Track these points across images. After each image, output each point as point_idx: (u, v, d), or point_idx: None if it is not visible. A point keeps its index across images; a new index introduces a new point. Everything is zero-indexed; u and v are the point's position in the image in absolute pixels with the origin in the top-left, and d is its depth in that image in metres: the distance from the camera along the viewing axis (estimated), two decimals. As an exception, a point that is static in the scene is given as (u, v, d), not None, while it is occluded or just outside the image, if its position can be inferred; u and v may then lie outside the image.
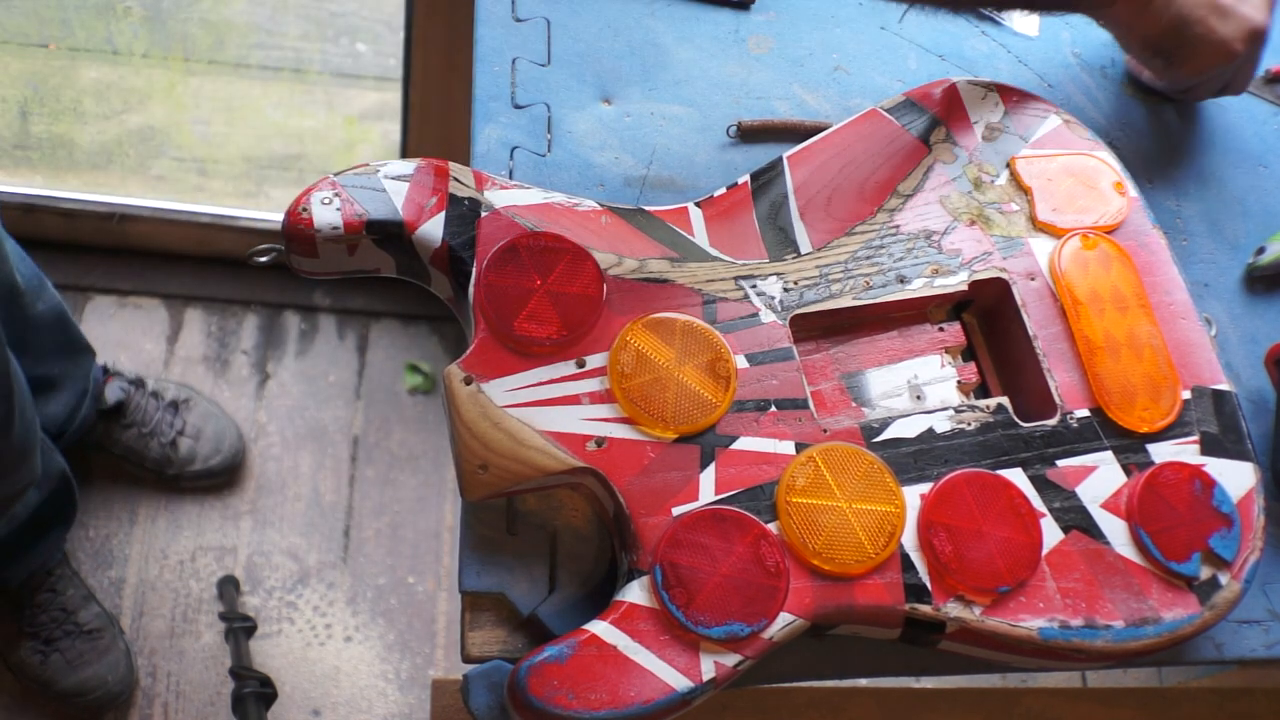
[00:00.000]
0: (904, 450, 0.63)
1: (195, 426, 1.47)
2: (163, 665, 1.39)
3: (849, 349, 0.69)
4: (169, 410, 1.46)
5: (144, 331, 1.58)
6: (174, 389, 1.49)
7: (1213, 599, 0.61)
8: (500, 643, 0.61)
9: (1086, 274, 0.68)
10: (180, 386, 1.50)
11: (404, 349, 1.63)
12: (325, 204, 0.63)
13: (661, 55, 0.81)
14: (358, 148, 1.82)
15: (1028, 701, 0.78)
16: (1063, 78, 0.85)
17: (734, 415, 0.62)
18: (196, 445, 1.46)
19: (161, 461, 1.45)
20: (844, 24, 0.85)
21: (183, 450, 1.45)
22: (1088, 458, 0.64)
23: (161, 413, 1.45)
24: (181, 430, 1.46)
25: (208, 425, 1.48)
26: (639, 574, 0.58)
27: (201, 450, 1.46)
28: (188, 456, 1.45)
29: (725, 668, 0.56)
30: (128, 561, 1.44)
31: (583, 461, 0.60)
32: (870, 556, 0.59)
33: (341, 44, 1.90)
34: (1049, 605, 0.60)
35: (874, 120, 0.73)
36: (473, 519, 0.63)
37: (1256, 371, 0.74)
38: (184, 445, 1.45)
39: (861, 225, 0.69)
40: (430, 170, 0.65)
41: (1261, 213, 0.81)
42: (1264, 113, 0.85)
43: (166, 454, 1.45)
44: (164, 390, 1.48)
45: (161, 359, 1.56)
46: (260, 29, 1.87)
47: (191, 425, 1.47)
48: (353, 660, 1.42)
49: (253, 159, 1.76)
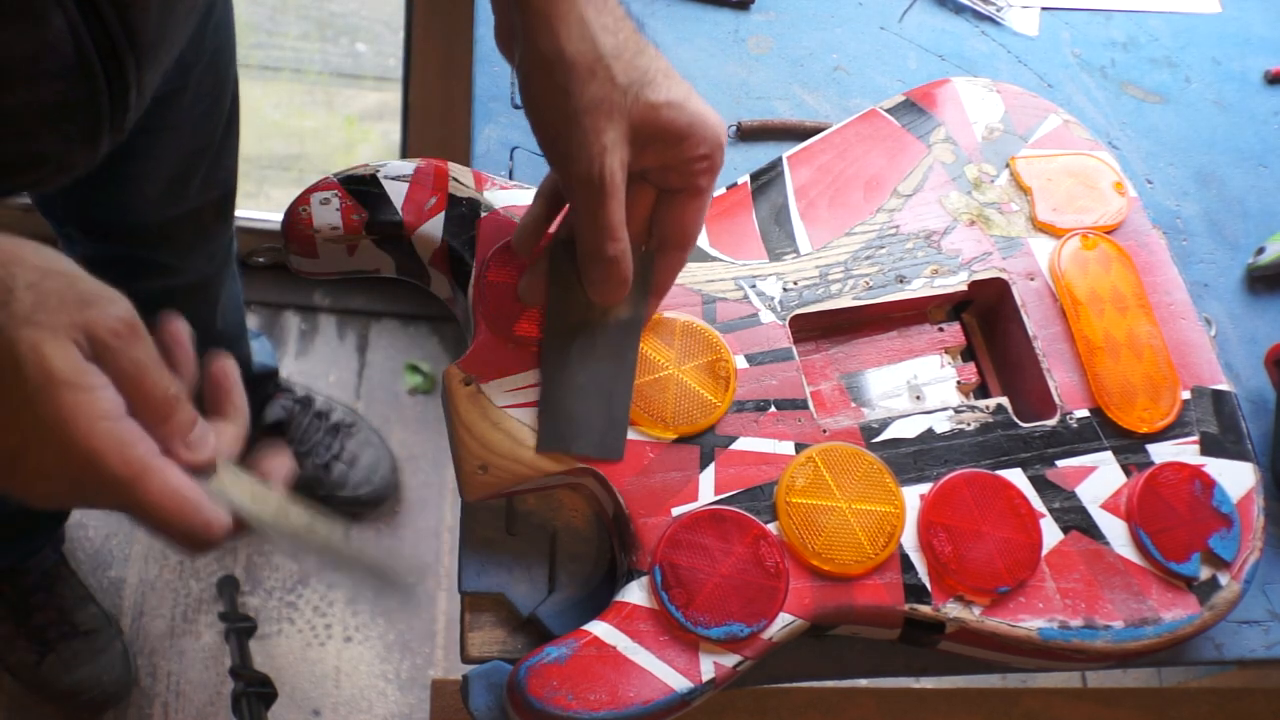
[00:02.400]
0: (904, 450, 0.63)
1: (352, 453, 1.46)
2: (162, 665, 1.39)
3: (849, 349, 0.69)
4: (330, 433, 1.46)
5: (144, 331, 1.58)
6: (340, 411, 1.48)
7: (1212, 599, 0.61)
8: (500, 643, 0.61)
9: (1086, 274, 0.68)
10: (346, 409, 1.50)
11: (404, 349, 1.63)
12: (325, 204, 0.63)
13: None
14: (358, 148, 1.82)
15: (1028, 701, 0.78)
16: (1063, 78, 0.85)
17: (733, 415, 0.62)
18: (350, 472, 1.45)
19: (311, 481, 1.45)
20: (844, 24, 0.85)
21: (334, 474, 1.45)
22: (1087, 458, 0.64)
23: (322, 434, 1.45)
24: (338, 454, 1.45)
25: (364, 453, 1.47)
26: (638, 574, 0.58)
27: (353, 478, 1.46)
28: (339, 481, 1.45)
29: (725, 668, 0.56)
30: (128, 561, 1.44)
31: (582, 462, 0.60)
32: (870, 557, 0.59)
33: (341, 44, 1.90)
34: (1049, 605, 0.60)
35: (874, 120, 0.73)
36: (473, 519, 0.63)
37: (1256, 371, 0.74)
38: (336, 470, 1.45)
39: (861, 225, 0.69)
40: (430, 170, 0.65)
41: (1261, 213, 0.81)
42: (1264, 112, 0.85)
43: (318, 474, 1.45)
44: (330, 411, 1.47)
45: (161, 359, 1.56)
46: (260, 29, 1.87)
47: (349, 451, 1.46)
48: (353, 660, 1.42)
49: (253, 159, 1.76)
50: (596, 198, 0.51)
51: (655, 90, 0.52)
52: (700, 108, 0.53)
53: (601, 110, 0.51)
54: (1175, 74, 0.86)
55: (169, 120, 0.91)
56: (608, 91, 0.51)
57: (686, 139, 0.53)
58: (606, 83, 0.51)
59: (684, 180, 0.55)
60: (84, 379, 0.41)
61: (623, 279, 0.54)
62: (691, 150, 0.53)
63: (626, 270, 0.54)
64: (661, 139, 0.53)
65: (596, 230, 0.52)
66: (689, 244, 0.58)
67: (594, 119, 0.51)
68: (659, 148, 0.53)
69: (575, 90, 0.50)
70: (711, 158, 0.54)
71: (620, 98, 0.51)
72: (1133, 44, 0.87)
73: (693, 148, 0.53)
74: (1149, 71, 0.86)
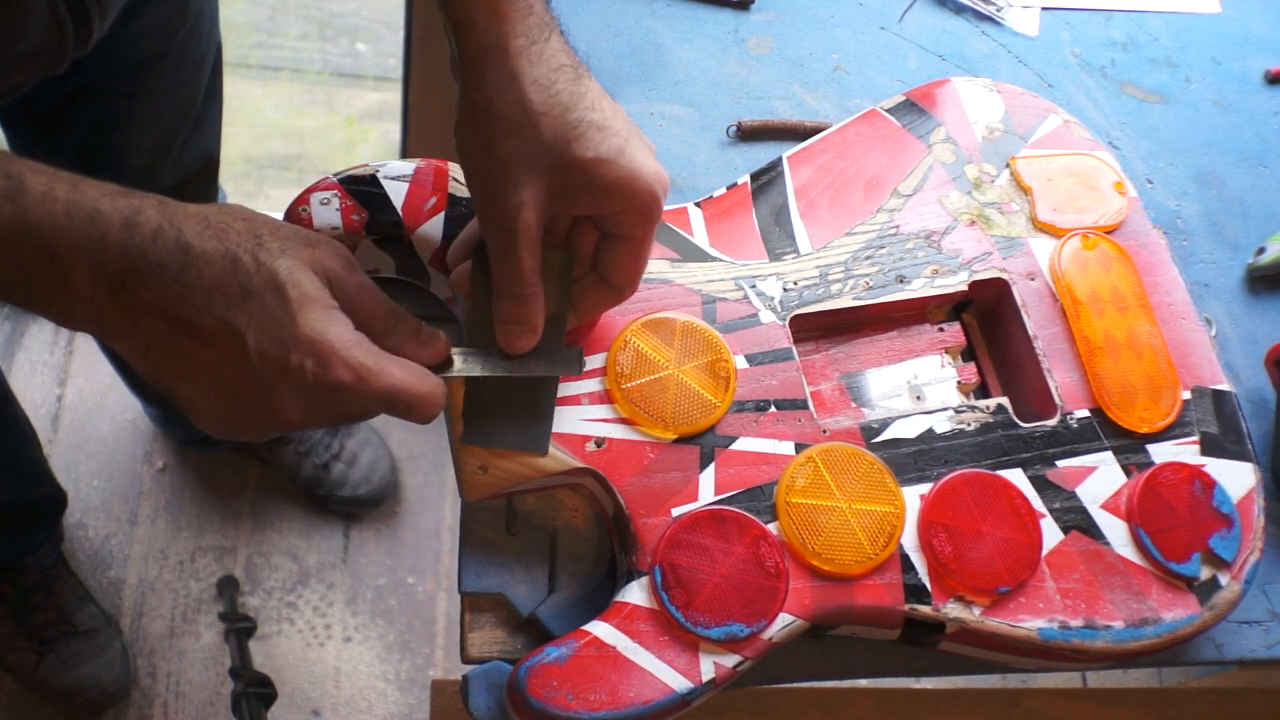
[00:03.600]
0: (904, 450, 0.63)
1: (352, 452, 1.48)
2: (162, 665, 1.39)
3: (849, 349, 0.69)
4: (330, 432, 1.47)
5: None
6: None
7: (1212, 599, 0.61)
8: (500, 643, 0.61)
9: (1086, 274, 0.68)
10: None
11: (404, 349, 1.63)
12: (325, 204, 0.63)
13: (661, 55, 0.81)
14: (358, 148, 1.82)
15: (1028, 701, 0.78)
16: (1063, 78, 0.85)
17: (734, 416, 0.62)
18: (349, 471, 1.47)
19: (311, 481, 1.47)
20: (844, 24, 0.85)
21: (334, 474, 1.46)
22: (1088, 458, 0.64)
23: (322, 434, 1.46)
24: (337, 454, 1.47)
25: (364, 453, 1.48)
26: (638, 575, 0.58)
27: (352, 477, 1.47)
28: (338, 480, 1.46)
29: (725, 668, 0.56)
30: (128, 561, 1.44)
31: (582, 462, 0.60)
32: (870, 557, 0.59)
33: (341, 44, 1.90)
34: (1049, 606, 0.60)
35: (874, 120, 0.73)
36: (473, 519, 0.63)
37: (1256, 371, 0.74)
38: (336, 469, 1.46)
39: (861, 225, 0.69)
40: (430, 170, 0.65)
41: (1261, 213, 0.81)
42: (1264, 113, 0.85)
43: (318, 475, 1.46)
44: None
45: (161, 359, 1.56)
46: (260, 29, 1.87)
47: (348, 451, 1.48)
48: (352, 660, 1.42)
49: (253, 159, 1.76)
50: (511, 246, 0.52)
51: (583, 147, 0.52)
52: (633, 162, 0.53)
53: (522, 165, 0.51)
54: (1175, 74, 0.86)
55: (152, 86, 0.92)
56: (531, 148, 0.51)
57: (616, 194, 0.53)
58: (530, 139, 0.51)
59: (618, 230, 0.55)
60: (328, 299, 0.49)
61: (531, 325, 0.55)
62: (622, 204, 0.53)
63: (535, 314, 0.55)
64: (591, 194, 0.53)
65: (508, 273, 0.53)
66: (628, 287, 0.58)
67: (514, 173, 0.51)
68: (588, 200, 0.54)
69: (498, 143, 0.51)
70: (645, 211, 0.54)
71: (544, 154, 0.51)
72: (1133, 44, 0.87)
73: (623, 201, 0.53)
74: (1149, 71, 0.86)
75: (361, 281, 0.52)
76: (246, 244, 0.48)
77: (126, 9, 0.79)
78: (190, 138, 1.01)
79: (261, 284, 0.47)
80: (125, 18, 0.80)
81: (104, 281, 0.46)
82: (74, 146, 0.95)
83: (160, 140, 0.98)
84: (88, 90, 0.89)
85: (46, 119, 0.92)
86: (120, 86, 0.91)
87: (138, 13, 0.83)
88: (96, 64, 0.82)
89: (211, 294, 0.47)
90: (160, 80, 0.92)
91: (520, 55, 0.51)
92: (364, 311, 0.51)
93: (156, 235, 0.46)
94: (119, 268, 0.45)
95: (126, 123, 0.94)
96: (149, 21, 0.86)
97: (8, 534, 1.26)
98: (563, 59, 0.53)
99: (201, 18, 0.93)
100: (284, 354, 0.47)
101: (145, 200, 0.47)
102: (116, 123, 0.93)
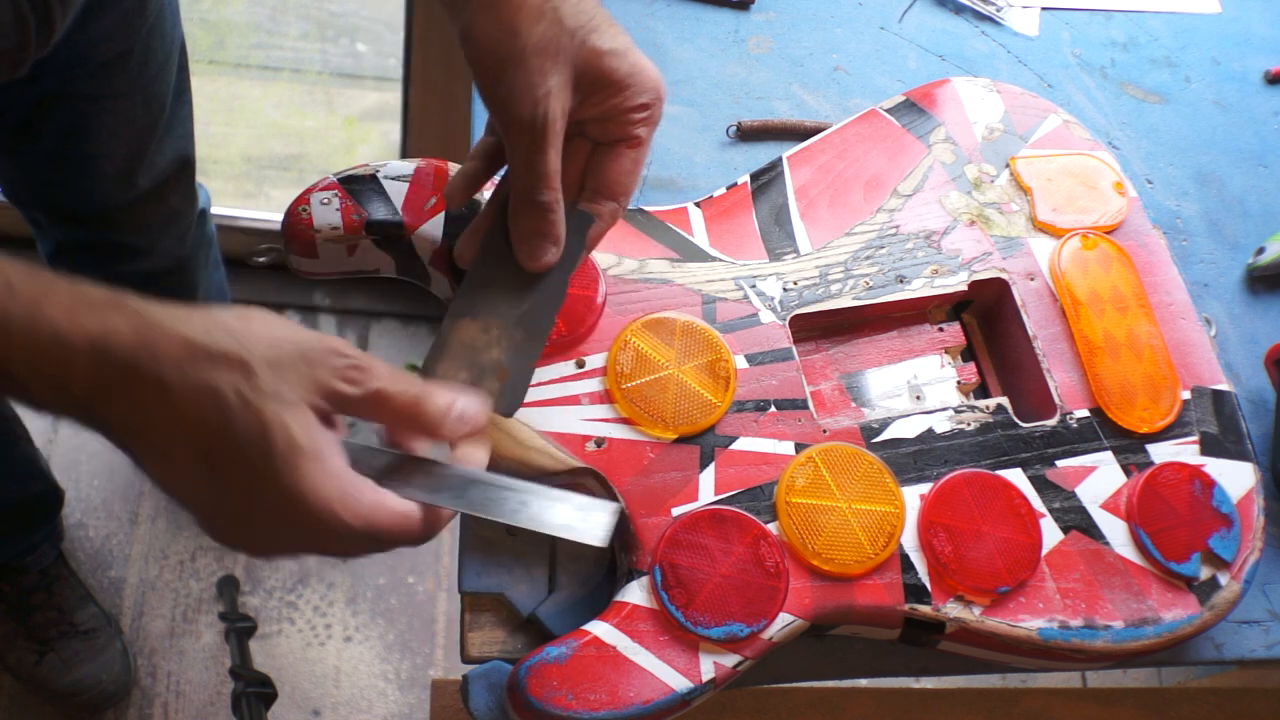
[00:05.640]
0: (904, 450, 0.63)
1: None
2: (163, 665, 1.39)
3: (849, 349, 0.69)
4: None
5: (144, 331, 1.58)
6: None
7: (1212, 599, 0.61)
8: (500, 643, 0.61)
9: (1086, 274, 0.68)
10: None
11: (404, 349, 1.63)
12: (325, 204, 0.63)
13: (661, 55, 0.81)
14: (358, 148, 1.82)
15: (1028, 701, 0.78)
16: (1063, 78, 0.85)
17: (734, 415, 0.62)
18: None
19: None
20: (844, 24, 0.85)
21: None
22: (1087, 458, 0.64)
23: None
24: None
25: None
26: (639, 574, 0.58)
27: None
28: None
29: (725, 668, 0.56)
30: (128, 561, 1.44)
31: (582, 462, 0.60)
32: (870, 557, 0.59)
33: (341, 44, 1.90)
34: (1049, 605, 0.60)
35: (874, 120, 0.73)
36: (473, 519, 0.63)
37: (1256, 371, 0.74)
38: None
39: (861, 225, 0.69)
40: (430, 170, 0.65)
41: (1261, 213, 0.81)
42: (1264, 113, 0.85)
43: None
44: None
45: (161, 359, 1.56)
46: (260, 29, 1.87)
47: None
48: (353, 660, 1.42)
49: (253, 159, 1.76)
50: (536, 142, 0.51)
51: (600, 37, 0.51)
52: (640, 59, 0.53)
53: (548, 52, 0.50)
54: (1175, 74, 0.86)
55: (118, 87, 0.91)
56: (555, 33, 0.50)
57: (627, 88, 0.52)
58: (555, 24, 0.50)
59: (622, 130, 0.54)
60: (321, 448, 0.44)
61: (553, 234, 0.53)
62: (632, 99, 0.52)
63: (558, 225, 0.53)
64: (603, 87, 0.52)
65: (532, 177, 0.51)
66: (624, 197, 0.56)
67: (540, 60, 0.50)
68: (600, 96, 0.53)
69: (523, 29, 0.49)
70: (651, 108, 0.53)
71: (568, 41, 0.50)
72: (1133, 44, 0.87)
73: (633, 97, 0.52)
74: (1149, 71, 0.86)
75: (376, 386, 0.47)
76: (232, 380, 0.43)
77: (86, 10, 0.79)
78: (163, 140, 1.00)
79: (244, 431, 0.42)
80: (85, 19, 0.80)
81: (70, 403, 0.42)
82: (45, 157, 0.94)
83: (133, 144, 0.97)
84: (53, 97, 0.89)
85: (14, 130, 0.92)
86: (86, 90, 0.90)
87: (98, 14, 0.83)
88: (60, 68, 0.82)
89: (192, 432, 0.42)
90: (126, 81, 0.91)
91: None
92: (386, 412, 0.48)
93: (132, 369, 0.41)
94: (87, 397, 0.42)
95: (96, 128, 0.93)
96: (109, 21, 0.85)
97: (6, 532, 1.26)
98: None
99: (163, 15, 0.92)
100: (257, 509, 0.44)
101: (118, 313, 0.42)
102: (87, 128, 0.92)
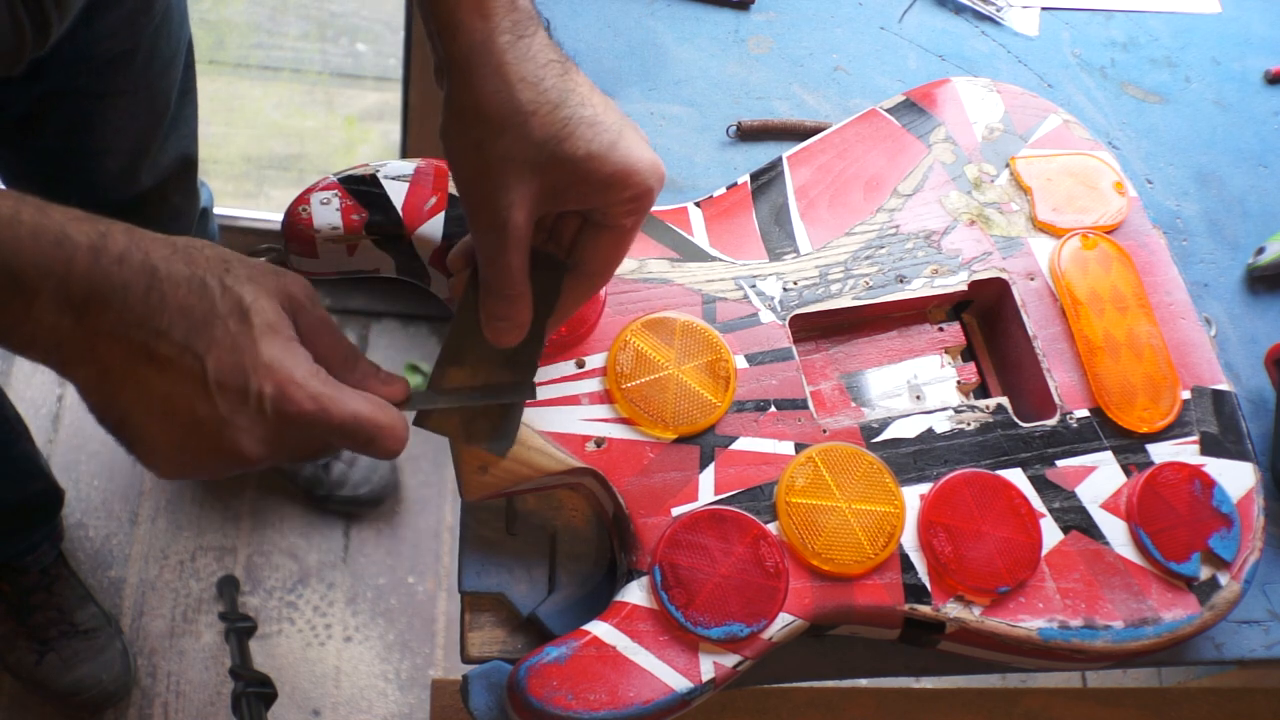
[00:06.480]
0: (903, 450, 0.63)
1: (350, 453, 1.48)
2: (163, 665, 1.39)
3: (849, 349, 0.69)
4: None
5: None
6: None
7: (1212, 599, 0.61)
8: (500, 643, 0.61)
9: (1086, 274, 0.68)
10: None
11: (404, 349, 1.63)
12: (325, 204, 0.63)
13: (661, 55, 0.81)
14: (358, 148, 1.82)
15: (1028, 701, 0.78)
16: (1063, 78, 0.85)
17: (733, 415, 0.62)
18: (349, 471, 1.47)
19: (312, 481, 1.47)
20: (844, 24, 0.85)
21: (334, 474, 1.47)
22: (1087, 458, 0.64)
23: None
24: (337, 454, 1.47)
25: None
26: (638, 574, 0.58)
27: (353, 477, 1.47)
28: (338, 480, 1.47)
29: (724, 668, 0.56)
30: (128, 561, 1.44)
31: (582, 462, 0.60)
32: (870, 557, 0.59)
33: (341, 44, 1.90)
34: (1049, 605, 0.60)
35: (874, 120, 0.73)
36: (473, 519, 0.63)
37: (1256, 371, 0.74)
38: (336, 469, 1.47)
39: (861, 225, 0.69)
40: (430, 170, 0.65)
41: (1261, 213, 0.81)
42: (1264, 113, 0.85)
43: (318, 474, 1.46)
44: None
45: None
46: (260, 29, 1.87)
47: (347, 452, 1.47)
48: (353, 660, 1.42)
49: (253, 159, 1.76)
50: (500, 245, 0.52)
51: (574, 144, 0.51)
52: (629, 154, 0.52)
53: (511, 166, 0.50)
54: (1175, 74, 0.86)
55: (121, 85, 0.91)
56: (521, 148, 0.50)
57: (609, 189, 0.52)
58: (520, 139, 0.50)
59: (607, 220, 0.54)
60: (290, 330, 0.49)
61: (517, 320, 0.54)
62: (615, 197, 0.53)
63: (523, 313, 0.54)
64: (582, 191, 0.52)
65: (495, 273, 0.53)
66: (606, 275, 0.57)
67: (503, 174, 0.51)
68: (580, 197, 0.53)
69: (487, 144, 0.50)
70: (638, 201, 0.53)
71: (534, 153, 0.50)
72: (1133, 44, 0.87)
73: (616, 195, 0.52)
74: (1149, 71, 0.86)
75: (324, 316, 0.52)
76: (214, 269, 0.48)
77: (89, 7, 0.78)
78: (167, 138, 1.00)
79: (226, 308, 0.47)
80: (89, 16, 0.79)
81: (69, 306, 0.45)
82: (48, 152, 0.93)
83: (136, 142, 0.97)
84: (57, 93, 0.88)
85: (16, 125, 0.91)
86: (89, 87, 0.89)
87: (102, 11, 0.82)
88: (63, 65, 0.81)
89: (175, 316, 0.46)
90: (130, 79, 0.91)
91: (507, 51, 0.50)
92: (325, 345, 0.51)
93: (123, 258, 0.46)
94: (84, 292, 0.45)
95: (99, 124, 0.93)
96: (114, 19, 0.85)
97: (5, 531, 1.26)
98: (550, 54, 0.52)
99: (170, 13, 0.91)
100: (243, 380, 0.47)
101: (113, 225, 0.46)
102: (89, 125, 0.92)
